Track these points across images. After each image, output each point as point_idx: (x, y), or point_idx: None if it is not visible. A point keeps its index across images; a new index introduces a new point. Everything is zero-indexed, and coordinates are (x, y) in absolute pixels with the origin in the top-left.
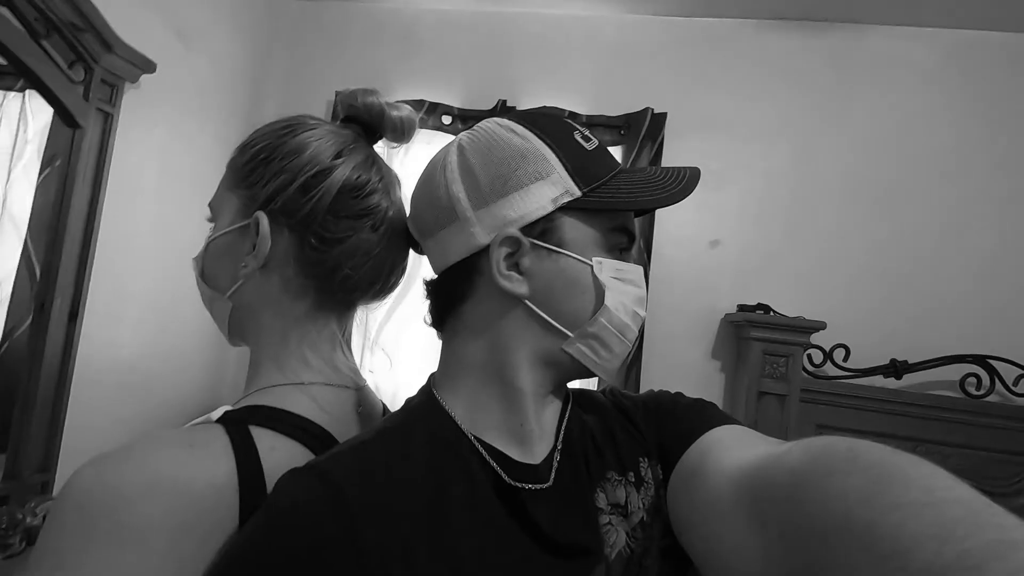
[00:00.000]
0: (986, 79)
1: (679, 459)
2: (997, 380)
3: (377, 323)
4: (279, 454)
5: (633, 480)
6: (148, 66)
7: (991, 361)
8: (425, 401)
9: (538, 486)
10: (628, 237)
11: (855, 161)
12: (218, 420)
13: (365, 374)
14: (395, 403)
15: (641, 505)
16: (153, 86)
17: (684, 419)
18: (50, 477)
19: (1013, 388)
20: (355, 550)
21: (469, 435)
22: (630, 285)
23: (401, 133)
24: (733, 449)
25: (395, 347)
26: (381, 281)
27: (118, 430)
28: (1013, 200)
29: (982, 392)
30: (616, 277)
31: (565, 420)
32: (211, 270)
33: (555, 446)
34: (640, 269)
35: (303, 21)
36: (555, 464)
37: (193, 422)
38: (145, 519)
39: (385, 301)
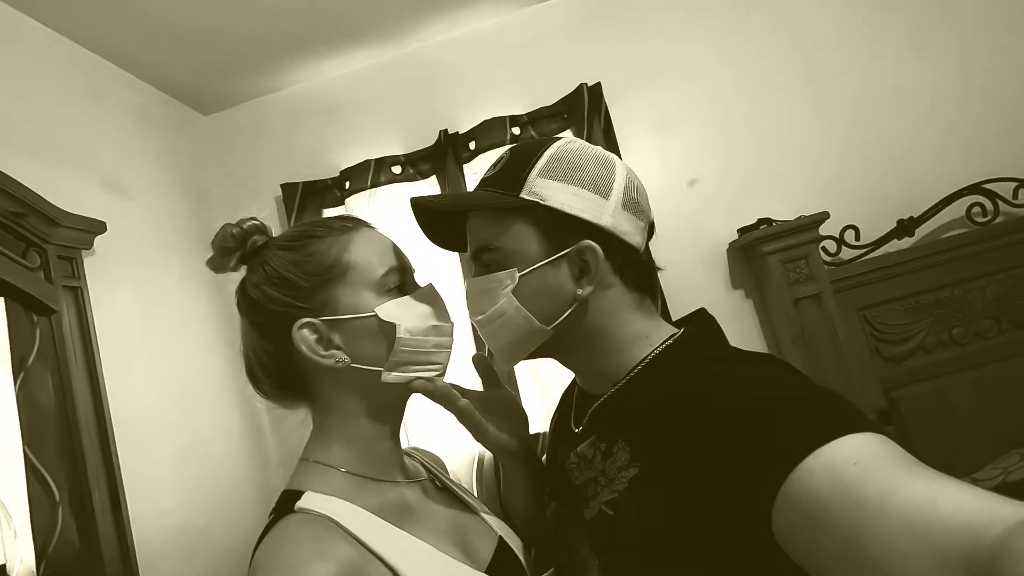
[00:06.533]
0: None
1: (778, 491)
2: (999, 201)
3: None
4: None
5: (603, 449)
6: (98, 227)
7: (986, 185)
8: None
9: (575, 429)
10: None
11: (792, 52)
12: None
13: None
14: None
15: (601, 470)
16: (109, 244)
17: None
18: None
19: (1015, 201)
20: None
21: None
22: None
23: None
24: (890, 482)
25: None
26: None
27: None
28: (937, 30)
29: (989, 218)
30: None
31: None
32: None
33: (595, 405)
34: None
35: (225, 131)
36: (586, 416)
37: None
38: None
39: None
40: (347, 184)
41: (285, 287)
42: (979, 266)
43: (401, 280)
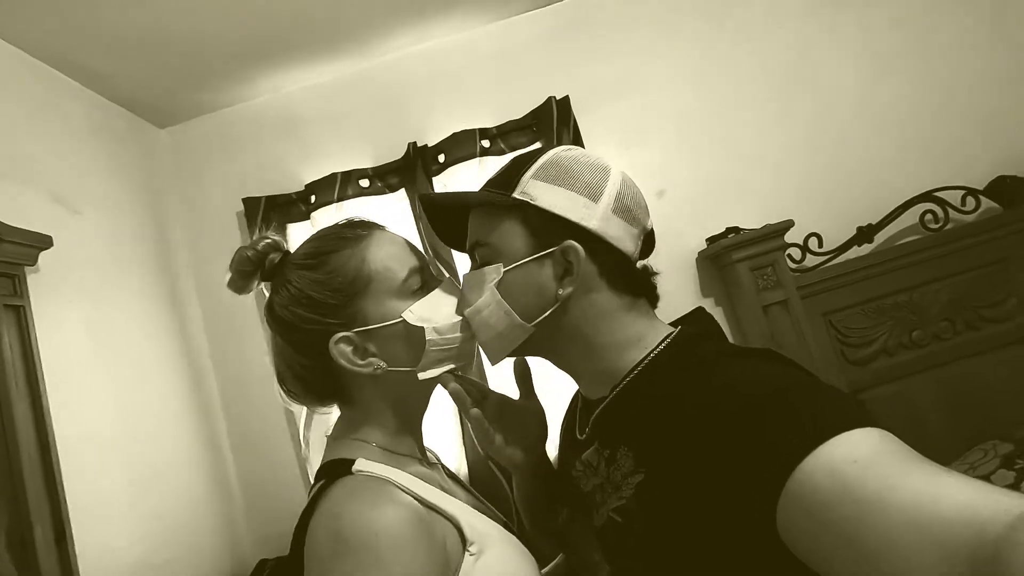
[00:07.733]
0: None
1: (785, 482)
2: (949, 208)
3: None
4: None
5: (607, 456)
6: (44, 242)
7: (936, 194)
8: None
9: (580, 436)
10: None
11: (756, 66)
12: None
13: None
14: None
15: (606, 477)
16: (56, 260)
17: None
18: None
19: (963, 208)
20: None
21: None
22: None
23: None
24: (892, 478)
25: None
26: None
27: None
28: (893, 47)
29: (940, 224)
30: None
31: (618, 390)
32: None
33: (596, 412)
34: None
35: (183, 145)
36: (588, 424)
37: None
38: None
39: None
40: (313, 198)
41: (313, 306)
42: (933, 271)
43: (422, 279)
